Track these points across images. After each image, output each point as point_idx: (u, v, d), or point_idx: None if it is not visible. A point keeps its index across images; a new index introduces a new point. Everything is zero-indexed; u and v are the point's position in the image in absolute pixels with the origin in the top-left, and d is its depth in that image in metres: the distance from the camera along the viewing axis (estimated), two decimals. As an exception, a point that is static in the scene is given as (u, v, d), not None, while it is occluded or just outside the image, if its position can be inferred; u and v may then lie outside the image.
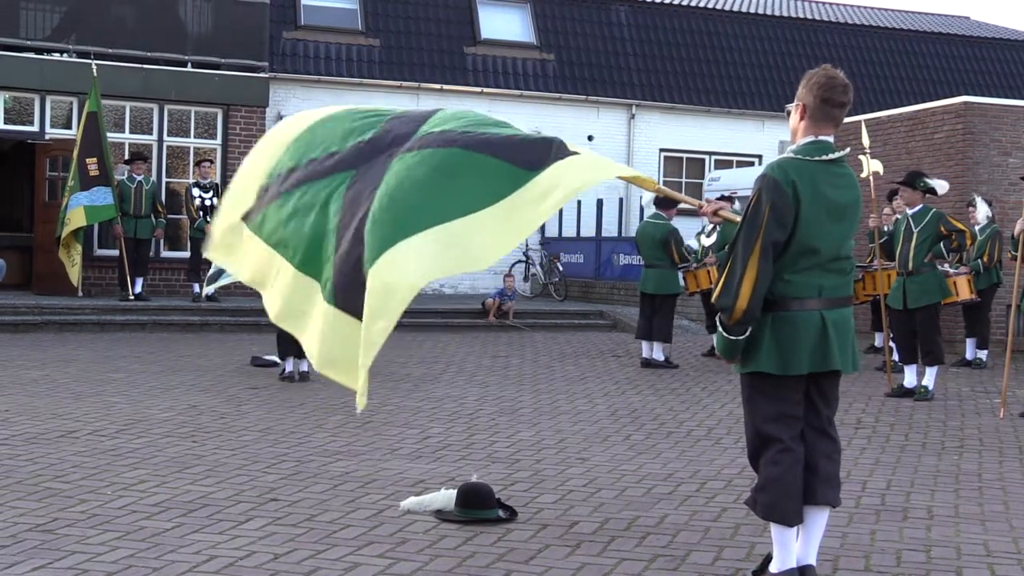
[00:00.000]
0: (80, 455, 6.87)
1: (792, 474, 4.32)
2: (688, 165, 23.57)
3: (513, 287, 17.74)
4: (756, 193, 4.30)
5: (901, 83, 25.15)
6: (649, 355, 12.53)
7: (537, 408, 9.30)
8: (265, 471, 6.56)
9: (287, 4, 21.28)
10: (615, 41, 23.33)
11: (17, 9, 17.87)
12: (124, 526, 5.26)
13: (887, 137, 15.91)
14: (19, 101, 17.66)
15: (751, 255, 4.24)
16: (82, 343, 13.28)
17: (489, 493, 5.63)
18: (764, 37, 24.64)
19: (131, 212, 16.06)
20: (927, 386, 10.24)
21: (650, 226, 12.76)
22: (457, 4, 22.70)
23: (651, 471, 6.85)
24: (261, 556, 4.85)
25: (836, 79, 4.37)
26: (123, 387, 9.86)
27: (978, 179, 14.54)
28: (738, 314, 4.26)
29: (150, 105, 18.16)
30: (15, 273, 17.28)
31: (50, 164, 17.44)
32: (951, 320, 13.56)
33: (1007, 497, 6.36)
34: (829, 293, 4.36)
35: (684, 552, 5.08)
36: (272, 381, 10.53)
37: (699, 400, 9.99)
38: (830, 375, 4.44)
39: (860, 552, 5.13)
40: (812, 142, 4.38)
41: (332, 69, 20.96)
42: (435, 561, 4.84)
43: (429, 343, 14.38)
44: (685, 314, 16.57)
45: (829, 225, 4.31)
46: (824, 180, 4.32)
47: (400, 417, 8.64)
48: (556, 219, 22.07)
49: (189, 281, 16.95)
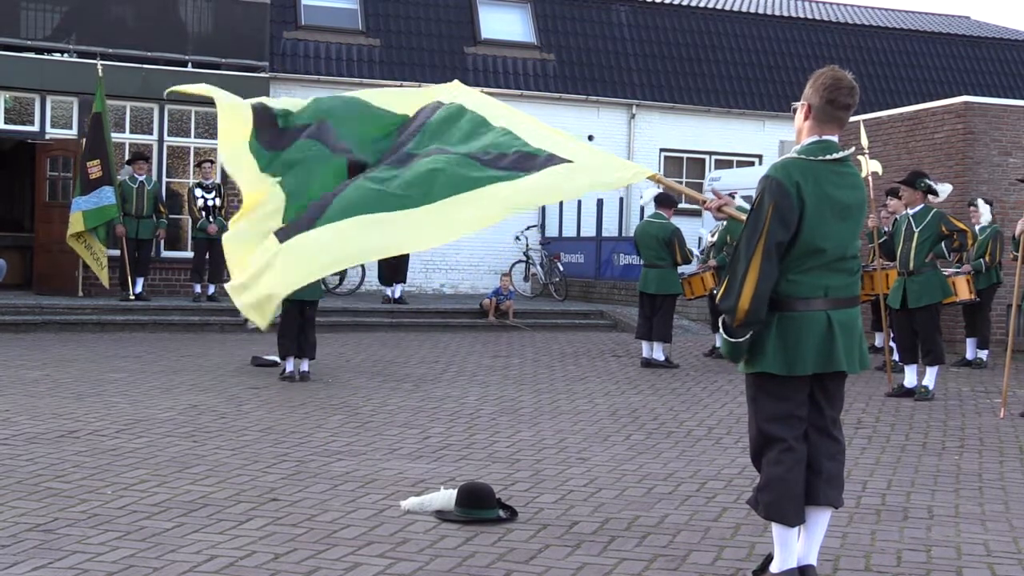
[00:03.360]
0: (80, 455, 6.87)
1: (794, 474, 4.32)
2: (688, 165, 23.56)
3: (509, 287, 17.73)
4: (759, 194, 4.30)
5: (901, 83, 25.15)
6: (649, 355, 12.52)
7: (537, 408, 9.30)
8: (265, 471, 6.56)
9: (287, 4, 21.28)
10: (615, 41, 23.33)
11: (17, 9, 17.88)
12: (124, 526, 5.26)
13: (887, 137, 15.90)
14: (19, 101, 17.66)
15: (754, 256, 4.24)
16: (82, 343, 13.29)
17: (489, 493, 5.63)
18: (764, 37, 24.64)
19: (133, 212, 16.07)
20: (927, 386, 10.24)
21: (651, 226, 12.75)
22: (457, 4, 22.70)
23: (651, 471, 6.85)
24: (261, 556, 4.85)
25: (843, 80, 4.35)
26: (123, 387, 9.86)
27: (978, 179, 14.54)
28: (741, 315, 4.26)
29: (150, 105, 18.16)
30: (15, 273, 17.31)
31: (50, 164, 17.45)
32: (951, 320, 13.56)
33: (1007, 497, 6.36)
34: (835, 293, 4.36)
35: (684, 552, 5.08)
36: (272, 381, 10.53)
37: (699, 400, 9.99)
38: (835, 376, 4.44)
39: (860, 552, 5.13)
40: (817, 142, 4.38)
41: (332, 69, 20.96)
42: (435, 561, 4.84)
43: (429, 343, 14.38)
44: (685, 314, 16.58)
45: (834, 225, 4.31)
46: (829, 180, 4.32)
47: (400, 417, 8.64)
48: (556, 219, 22.08)
49: (191, 282, 16.97)
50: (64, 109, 17.83)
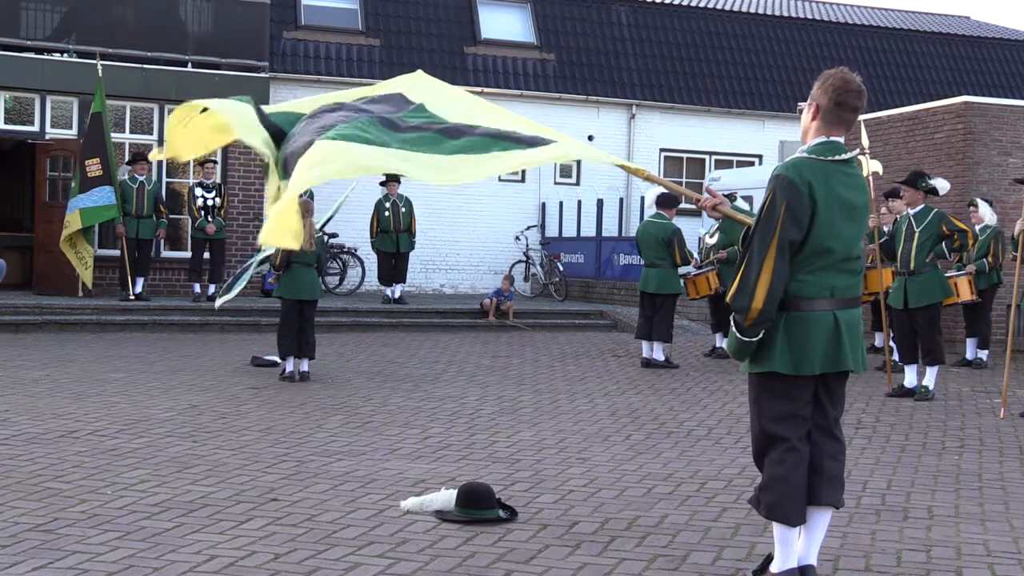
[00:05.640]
0: (80, 455, 6.87)
1: (796, 474, 4.32)
2: (688, 165, 23.56)
3: (510, 289, 17.74)
4: (771, 193, 4.29)
5: (901, 83, 25.15)
6: (649, 355, 12.52)
7: (537, 408, 9.30)
8: (265, 471, 6.56)
9: (287, 4, 21.29)
10: (615, 41, 23.33)
11: (17, 9, 17.88)
12: (124, 526, 5.26)
13: (887, 137, 15.90)
14: (19, 101, 17.66)
15: (767, 255, 4.23)
16: (82, 343, 13.29)
17: (489, 493, 5.63)
18: (764, 37, 24.64)
19: (133, 212, 16.07)
20: (927, 386, 10.24)
21: (652, 226, 12.75)
22: (457, 4, 22.70)
23: (651, 471, 6.85)
24: (261, 556, 4.85)
25: (852, 83, 4.35)
26: (123, 387, 9.86)
27: (978, 179, 14.53)
28: (754, 314, 4.25)
29: (150, 105, 18.16)
30: (15, 273, 17.31)
31: (50, 164, 17.45)
32: (952, 320, 13.56)
33: (1007, 497, 6.36)
34: (840, 293, 4.36)
35: (684, 552, 5.07)
36: (272, 381, 10.53)
37: (699, 400, 9.99)
38: (839, 375, 4.44)
39: (860, 552, 5.13)
40: (824, 142, 4.38)
41: (332, 69, 20.97)
42: (435, 561, 4.84)
43: (429, 343, 14.38)
44: (685, 314, 16.58)
45: (843, 225, 4.31)
46: (837, 180, 4.32)
47: (400, 417, 8.64)
48: (556, 219, 22.08)
49: (189, 281, 16.97)
50: (64, 109, 17.83)
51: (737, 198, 12.85)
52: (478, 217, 21.84)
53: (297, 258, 10.70)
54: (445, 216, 21.45)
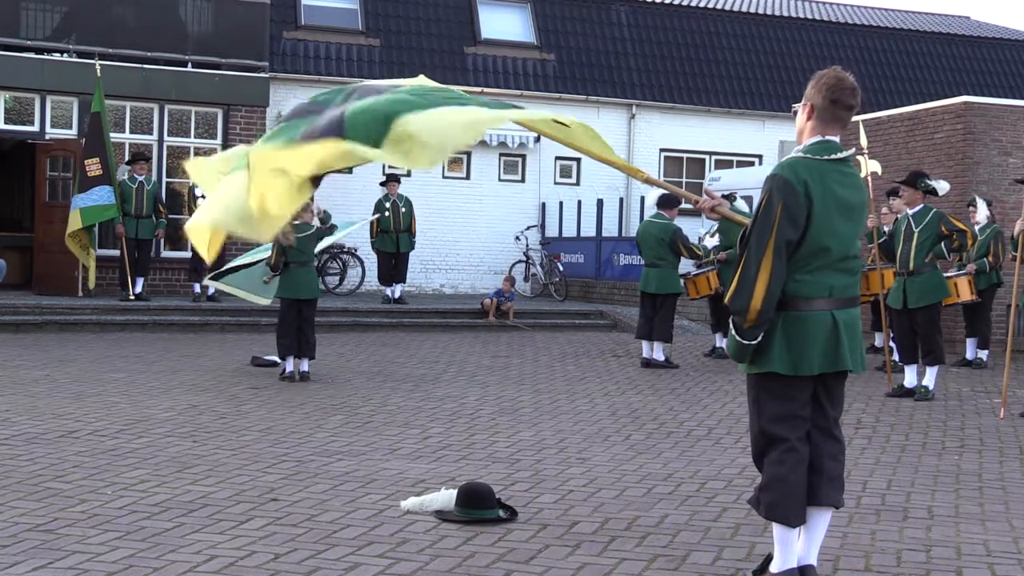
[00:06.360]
0: (80, 455, 6.87)
1: (796, 474, 4.32)
2: (688, 165, 23.56)
3: (511, 289, 17.75)
4: (767, 193, 4.29)
5: (901, 83, 25.15)
6: (649, 355, 12.52)
7: (537, 408, 9.30)
8: (265, 471, 6.56)
9: (287, 4, 21.28)
10: (615, 41, 23.33)
11: (17, 9, 17.88)
12: (124, 526, 5.26)
13: (887, 137, 15.90)
14: (19, 101, 17.67)
15: (764, 255, 4.23)
16: (82, 343, 13.29)
17: (489, 493, 5.63)
18: (764, 37, 24.64)
19: (133, 212, 16.08)
20: (927, 386, 10.24)
21: (653, 226, 12.75)
22: (457, 4, 22.70)
23: (651, 471, 6.85)
24: (261, 556, 4.85)
25: (845, 81, 4.36)
26: (123, 387, 9.86)
27: (978, 179, 14.54)
28: (753, 315, 4.25)
29: (150, 105, 18.17)
30: (15, 273, 17.30)
31: (50, 164, 17.45)
32: (951, 320, 13.56)
33: (1007, 497, 6.36)
34: (839, 293, 4.36)
35: (684, 552, 5.08)
36: (272, 381, 10.53)
37: (699, 400, 9.99)
38: (838, 375, 4.44)
39: (860, 552, 5.13)
40: (820, 142, 4.38)
41: (332, 69, 20.96)
42: (435, 561, 4.84)
43: (429, 343, 14.38)
44: (685, 314, 16.58)
45: (840, 224, 4.31)
46: (834, 179, 4.32)
47: (400, 417, 8.64)
48: (556, 219, 22.08)
49: (189, 281, 16.97)
50: (64, 109, 17.83)
51: (737, 198, 12.87)
52: (478, 217, 21.84)
53: (293, 258, 10.72)
54: (445, 216, 21.45)
